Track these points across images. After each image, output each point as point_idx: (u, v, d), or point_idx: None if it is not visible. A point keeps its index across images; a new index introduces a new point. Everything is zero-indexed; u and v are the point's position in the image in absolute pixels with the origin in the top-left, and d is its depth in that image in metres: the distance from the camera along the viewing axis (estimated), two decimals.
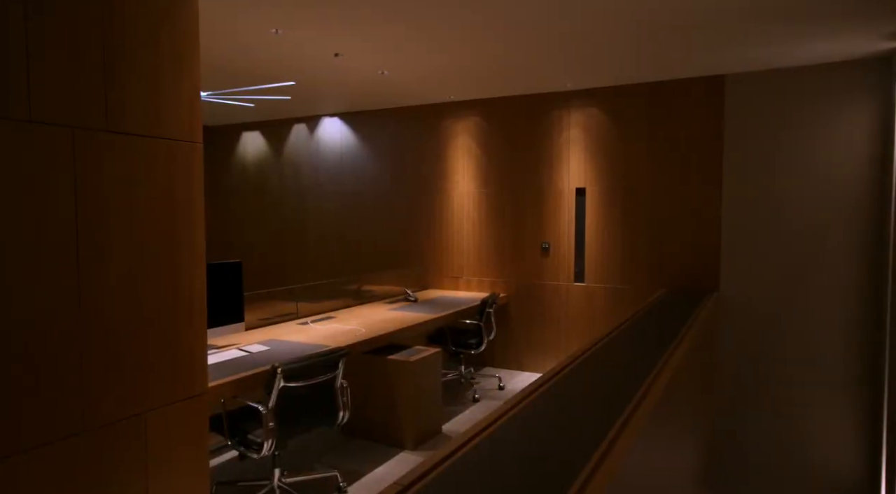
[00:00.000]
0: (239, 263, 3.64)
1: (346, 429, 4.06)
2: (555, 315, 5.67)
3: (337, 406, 3.15)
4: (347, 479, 3.42)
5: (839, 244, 4.52)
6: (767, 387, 4.79)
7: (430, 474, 1.50)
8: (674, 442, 2.52)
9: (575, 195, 5.58)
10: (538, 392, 2.16)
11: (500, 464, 1.54)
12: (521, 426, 1.82)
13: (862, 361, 4.47)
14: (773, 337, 4.76)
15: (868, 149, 4.42)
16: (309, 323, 4.30)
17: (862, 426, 4.47)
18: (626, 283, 5.34)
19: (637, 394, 2.09)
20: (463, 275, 6.15)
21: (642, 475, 1.86)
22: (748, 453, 4.84)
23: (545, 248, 5.70)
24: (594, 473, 1.47)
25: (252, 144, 7.61)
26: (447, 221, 6.23)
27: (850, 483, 4.50)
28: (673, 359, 2.59)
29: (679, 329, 3.29)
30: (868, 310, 4.43)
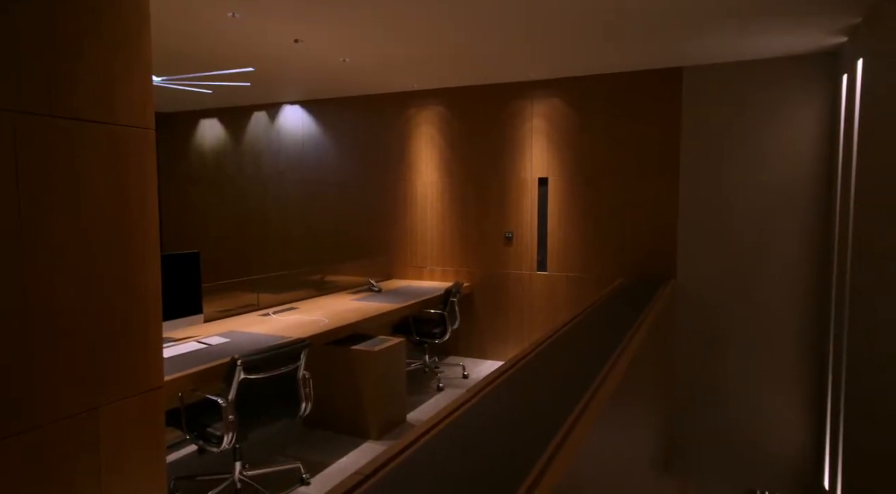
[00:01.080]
0: (197, 254, 3.55)
1: (308, 421, 4.03)
2: (518, 303, 5.73)
3: (299, 397, 3.12)
4: (311, 470, 3.40)
5: (789, 233, 4.70)
6: (721, 371, 4.95)
7: (392, 462, 1.50)
8: (632, 426, 2.58)
9: (538, 185, 5.63)
10: (500, 379, 2.18)
11: (462, 451, 1.55)
12: (483, 413, 1.84)
13: (808, 346, 4.67)
14: (726, 322, 4.93)
15: (816, 140, 4.59)
16: (270, 315, 4.24)
17: (808, 407, 4.67)
18: (587, 272, 5.43)
19: (596, 380, 2.13)
20: (427, 265, 6.15)
21: (600, 458, 1.91)
22: (703, 435, 5.01)
23: (508, 238, 5.75)
24: (553, 458, 1.49)
25: (210, 132, 7.40)
26: (411, 211, 6.21)
27: (797, 461, 4.71)
28: (630, 346, 2.65)
29: (637, 316, 3.37)
30: (815, 297, 4.63)
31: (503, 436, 1.65)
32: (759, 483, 4.95)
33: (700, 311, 5.01)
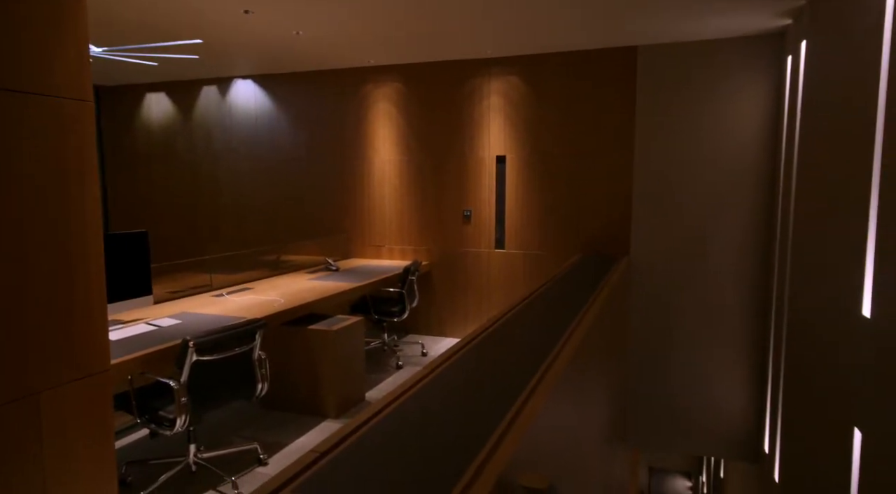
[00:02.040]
0: (144, 233, 3.42)
1: (265, 402, 3.99)
2: (476, 281, 5.77)
3: (255, 378, 3.07)
4: (268, 451, 3.37)
5: (736, 210, 4.86)
6: (672, 344, 5.13)
7: (348, 439, 1.49)
8: (585, 397, 2.65)
9: (496, 163, 5.64)
10: (457, 355, 2.20)
11: (418, 426, 1.56)
12: (440, 388, 1.85)
13: (752, 320, 4.88)
14: (676, 297, 5.09)
15: (764, 120, 4.74)
16: (224, 295, 4.14)
17: (750, 379, 4.90)
18: (545, 249, 5.50)
19: (550, 354, 2.17)
20: (385, 244, 6.11)
21: (555, 428, 1.95)
22: (654, 405, 5.20)
23: (467, 216, 5.76)
24: (508, 429, 1.52)
25: (158, 106, 7.10)
26: (368, 189, 6.14)
27: (741, 428, 4.95)
28: (585, 321, 2.70)
29: (591, 292, 3.44)
30: (759, 273, 4.82)
31: (459, 410, 1.67)
32: (706, 449, 5.19)
33: (652, 287, 5.16)
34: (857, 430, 2.21)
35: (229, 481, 2.99)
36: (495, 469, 1.29)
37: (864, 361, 2.17)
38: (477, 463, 1.33)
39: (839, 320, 2.50)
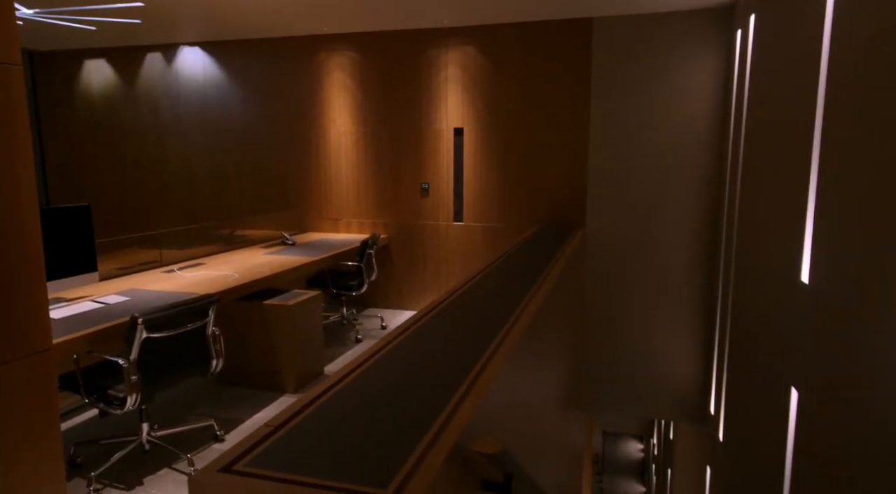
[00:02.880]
0: (87, 207, 3.27)
1: (222, 378, 3.93)
2: (435, 254, 5.78)
3: (209, 354, 3.02)
4: (225, 427, 3.34)
5: (688, 181, 4.99)
6: (625, 313, 5.28)
7: (303, 412, 1.48)
8: (542, 365, 2.71)
9: (453, 135, 5.61)
10: (414, 327, 2.20)
11: (375, 397, 1.56)
12: (397, 360, 1.85)
13: (700, 290, 5.06)
14: (629, 267, 5.22)
15: (715, 93, 4.84)
16: (175, 271, 4.03)
17: (698, 345, 5.11)
18: (503, 222, 5.54)
19: (507, 324, 2.20)
20: (343, 217, 6.03)
21: (511, 396, 1.99)
22: (608, 371, 5.37)
23: (425, 189, 5.73)
24: (464, 398, 1.53)
25: (98, 74, 6.73)
26: (325, 162, 6.03)
27: (689, 392, 5.17)
28: (540, 291, 2.75)
29: (548, 263, 3.49)
30: (706, 243, 4.99)
31: (416, 381, 1.68)
32: (657, 412, 5.41)
33: (606, 257, 5.27)
34: (793, 389, 2.33)
35: (185, 458, 2.95)
36: (451, 437, 1.31)
37: (801, 324, 2.28)
38: (433, 431, 1.34)
39: (780, 286, 2.61)
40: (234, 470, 1.20)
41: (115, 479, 2.79)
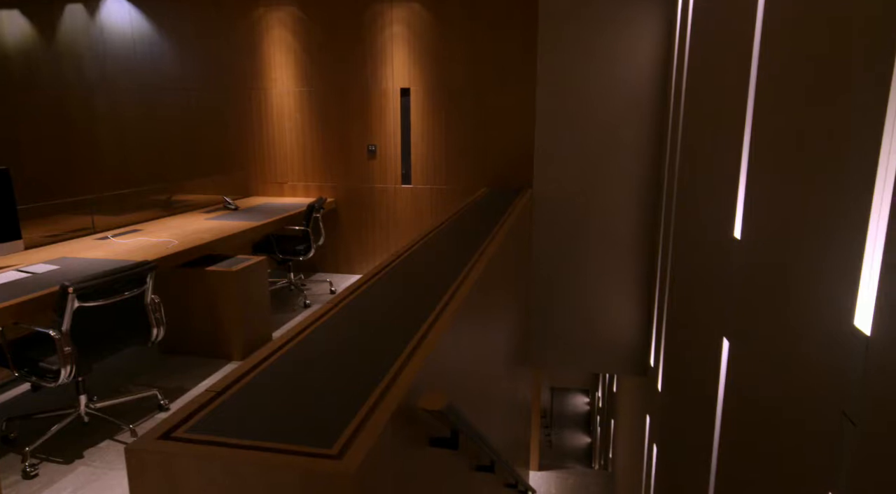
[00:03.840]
0: (5, 171, 3.05)
1: (165, 347, 3.82)
2: (383, 217, 5.73)
3: (149, 323, 2.92)
4: (170, 396, 3.26)
5: (632, 140, 5.08)
6: (572, 270, 5.42)
7: (247, 377, 1.46)
8: (491, 322, 2.76)
9: (400, 95, 5.50)
10: (361, 289, 2.18)
11: (322, 359, 1.55)
12: (344, 321, 1.84)
13: (644, 244, 5.23)
14: (575, 225, 5.33)
15: (657, 50, 4.90)
16: (110, 238, 3.84)
17: (641, 300, 5.31)
18: (452, 183, 5.52)
19: (454, 283, 2.21)
20: (288, 181, 5.88)
21: (459, 353, 2.02)
22: (556, 325, 5.53)
23: (372, 151, 5.63)
24: (412, 356, 1.54)
25: (11, 26, 6.20)
26: (267, 123, 5.81)
27: (632, 346, 5.40)
28: (488, 251, 2.77)
29: (495, 223, 3.52)
30: (651, 199, 5.13)
31: (363, 342, 1.67)
32: (601, 367, 5.64)
33: (553, 217, 5.36)
34: (725, 339, 2.46)
35: (127, 429, 2.88)
36: (397, 396, 1.32)
37: (732, 277, 2.40)
38: (379, 391, 1.34)
39: (714, 242, 2.72)
40: (175, 437, 1.17)
41: (53, 453, 2.70)
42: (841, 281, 1.41)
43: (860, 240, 1.31)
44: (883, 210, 1.22)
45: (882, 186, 1.25)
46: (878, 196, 1.26)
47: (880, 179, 1.25)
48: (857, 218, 1.33)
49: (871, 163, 1.28)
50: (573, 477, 7.73)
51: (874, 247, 1.27)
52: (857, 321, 1.31)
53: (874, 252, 1.26)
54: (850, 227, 1.37)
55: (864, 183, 1.30)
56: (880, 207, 1.25)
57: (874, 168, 1.27)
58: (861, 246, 1.31)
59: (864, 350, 1.25)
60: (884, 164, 1.24)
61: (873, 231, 1.28)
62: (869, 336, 1.23)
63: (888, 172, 1.23)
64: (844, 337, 1.36)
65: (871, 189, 1.28)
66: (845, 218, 1.40)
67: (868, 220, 1.29)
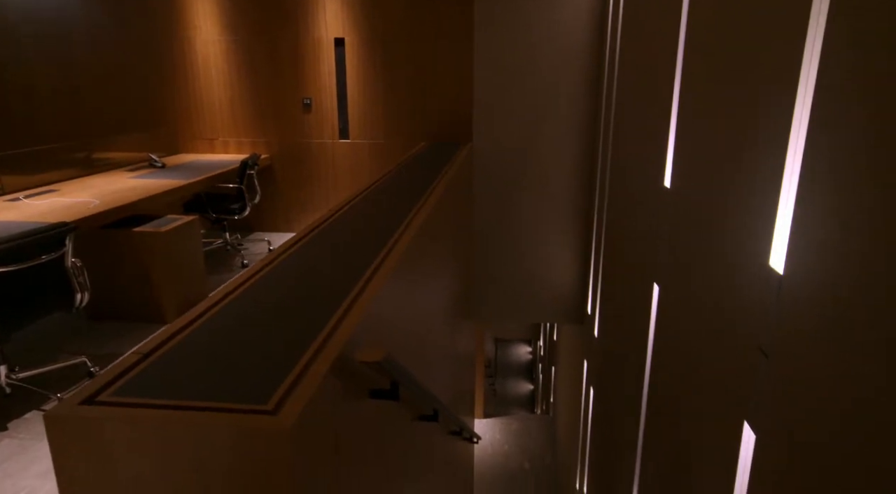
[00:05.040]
0: None
1: (93, 313, 3.65)
2: (321, 173, 5.59)
3: (71, 288, 2.76)
4: (100, 363, 3.14)
5: (570, 93, 5.11)
6: (512, 222, 5.48)
7: (177, 337, 1.41)
8: (431, 276, 2.77)
9: (334, 46, 5.28)
10: (297, 246, 2.13)
11: (256, 316, 1.52)
12: (280, 278, 1.80)
13: (581, 194, 5.34)
14: (515, 177, 5.37)
15: (594, 3, 4.89)
16: (21, 199, 3.58)
17: (579, 250, 5.47)
18: (390, 138, 5.42)
19: (392, 237, 2.19)
20: (218, 137, 5.61)
21: (398, 308, 2.02)
22: (497, 277, 5.63)
23: (307, 104, 5.42)
24: (349, 310, 1.53)
25: None
26: (192, 74, 5.48)
27: (571, 296, 5.58)
28: (427, 205, 2.75)
29: (435, 177, 3.49)
30: (588, 150, 5.22)
31: (300, 298, 1.64)
32: (542, 316, 5.81)
33: (493, 170, 5.37)
34: (655, 285, 2.58)
35: (55, 399, 2.76)
36: (334, 350, 1.30)
37: (662, 225, 2.49)
38: (315, 345, 1.33)
39: (646, 190, 2.81)
40: (99, 401, 1.12)
41: None
42: (758, 226, 1.48)
43: (776, 187, 1.38)
44: (797, 158, 1.28)
45: (796, 135, 1.31)
46: (792, 143, 1.32)
47: (795, 128, 1.31)
48: (774, 165, 1.39)
49: (786, 111, 1.33)
50: (516, 423, 8.07)
51: (788, 193, 1.33)
52: (772, 261, 1.39)
53: (788, 198, 1.33)
54: (767, 175, 1.43)
55: (780, 131, 1.36)
56: (794, 155, 1.30)
57: (790, 117, 1.32)
58: (776, 193, 1.37)
59: (777, 288, 1.33)
60: (798, 113, 1.29)
61: (788, 177, 1.34)
62: (782, 274, 1.31)
63: (801, 122, 1.28)
64: (761, 277, 1.44)
65: (787, 137, 1.33)
66: (763, 165, 1.46)
67: (783, 167, 1.35)
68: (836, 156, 1.11)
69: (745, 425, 1.52)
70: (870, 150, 0.99)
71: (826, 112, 1.16)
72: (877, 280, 0.94)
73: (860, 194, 1.02)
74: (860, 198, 1.02)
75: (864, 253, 0.99)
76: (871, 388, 0.95)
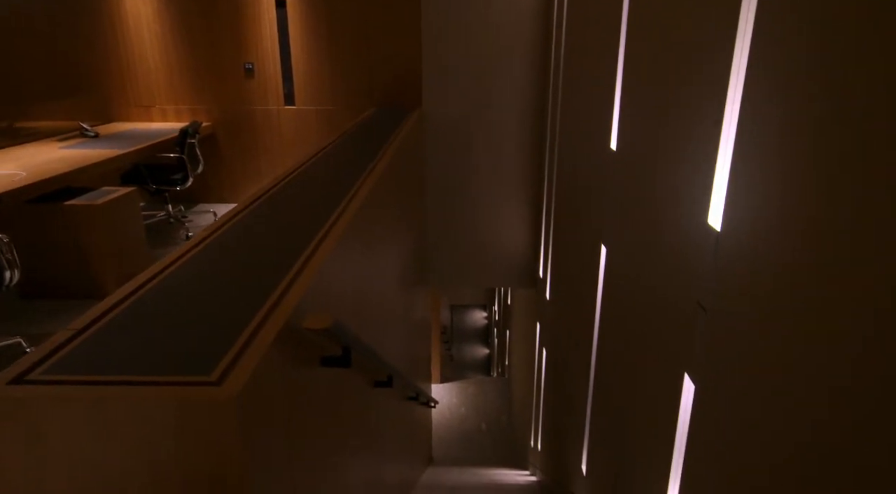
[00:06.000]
0: None
1: (27, 291, 3.47)
2: (267, 141, 5.41)
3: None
4: (36, 343, 3.00)
5: (520, 56, 5.07)
6: (464, 189, 5.48)
7: (113, 311, 1.35)
8: (382, 243, 2.74)
9: (275, 7, 5.05)
10: (243, 214, 2.07)
11: (198, 287, 1.47)
12: (223, 248, 1.74)
13: (532, 160, 5.37)
14: (466, 143, 5.33)
15: None
16: None
17: (531, 214, 5.52)
18: (338, 104, 5.28)
19: (340, 204, 2.15)
20: (155, 104, 5.33)
21: (350, 273, 2.00)
22: (451, 243, 5.64)
23: (248, 69, 5.20)
24: (296, 277, 1.50)
25: None
26: (124, 37, 5.15)
27: (523, 260, 5.66)
28: (375, 172, 2.71)
29: (384, 143, 3.43)
30: (537, 117, 5.23)
31: (244, 267, 1.60)
32: (495, 281, 5.88)
33: (444, 135, 5.32)
34: (603, 246, 2.63)
35: None
36: (280, 318, 1.28)
37: (609, 188, 2.53)
38: (261, 315, 1.30)
39: (594, 153, 2.84)
40: (29, 381, 1.07)
41: None
42: (697, 186, 1.52)
43: (713, 149, 1.41)
44: (733, 120, 1.31)
45: (732, 97, 1.33)
46: (729, 105, 1.35)
47: (731, 88, 1.33)
48: (711, 128, 1.42)
49: (723, 73, 1.35)
50: (473, 386, 8.23)
51: (725, 155, 1.37)
52: (710, 219, 1.43)
53: (725, 159, 1.37)
54: (705, 138, 1.46)
55: (717, 93, 1.38)
56: (731, 117, 1.33)
57: (726, 79, 1.34)
58: (714, 154, 1.41)
59: (715, 245, 1.37)
60: (735, 74, 1.32)
61: (724, 140, 1.37)
62: (719, 232, 1.35)
63: (737, 83, 1.31)
64: (699, 234, 1.48)
65: (723, 99, 1.36)
66: (701, 128, 1.49)
67: (720, 130, 1.38)
68: (770, 117, 1.14)
69: (686, 377, 1.59)
70: (803, 113, 1.02)
71: (761, 72, 1.18)
72: (809, 237, 0.98)
73: (793, 154, 1.05)
74: (793, 157, 1.05)
75: (796, 211, 1.03)
76: (802, 340, 1.00)
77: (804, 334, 0.99)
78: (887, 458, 0.77)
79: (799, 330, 1.01)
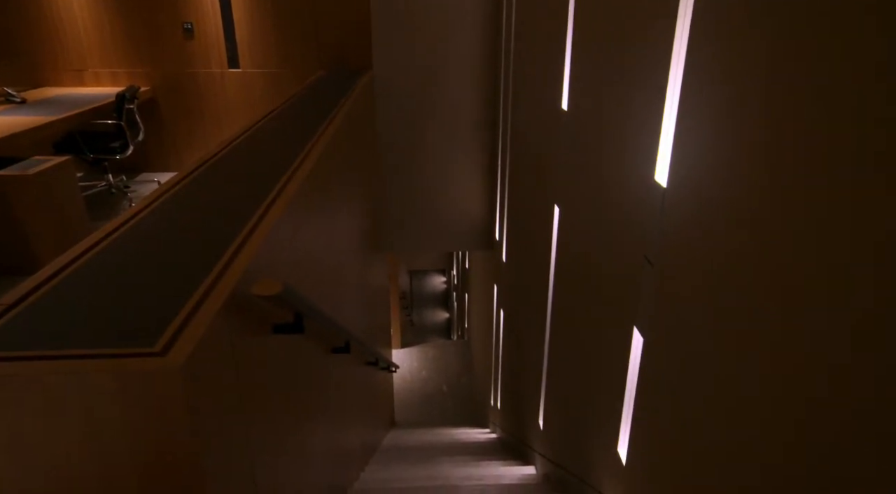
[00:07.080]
0: None
1: None
2: (212, 106, 5.19)
3: None
4: None
5: (471, 18, 4.96)
6: (419, 154, 5.42)
7: (48, 284, 1.29)
8: (335, 209, 2.69)
9: None
10: (186, 180, 1.99)
11: (139, 256, 1.41)
12: (166, 216, 1.67)
13: (486, 123, 5.34)
14: (420, 106, 5.25)
15: None
16: None
17: (487, 176, 5.52)
18: (285, 67, 5.09)
19: (289, 169, 2.09)
20: (88, 68, 5.02)
21: (302, 239, 1.96)
22: (407, 208, 5.60)
23: (188, 29, 4.94)
24: (243, 244, 1.45)
25: None
26: None
27: (480, 224, 5.68)
28: (325, 135, 2.63)
29: (333, 106, 3.34)
30: (491, 80, 5.17)
31: (188, 235, 1.54)
32: (452, 244, 5.90)
33: (397, 98, 5.21)
34: (556, 206, 2.66)
35: None
36: (227, 286, 1.24)
37: (560, 147, 2.54)
38: (207, 283, 1.26)
39: (547, 115, 2.84)
40: None
41: None
42: (643, 143, 1.54)
43: (659, 106, 1.42)
44: (678, 78, 1.31)
45: (677, 58, 1.34)
46: (674, 62, 1.35)
47: (676, 43, 1.34)
48: (657, 85, 1.43)
49: (668, 30, 1.35)
50: (433, 350, 8.33)
51: (670, 112, 1.38)
52: (657, 176, 1.46)
53: (670, 117, 1.38)
54: (651, 95, 1.47)
55: (662, 50, 1.39)
56: (676, 73, 1.34)
57: (671, 35, 1.34)
58: (660, 112, 1.42)
59: (661, 201, 1.40)
60: (679, 30, 1.32)
61: (670, 97, 1.38)
62: (665, 188, 1.37)
63: (682, 39, 1.31)
64: (646, 191, 1.51)
65: (668, 56, 1.36)
66: (647, 85, 1.50)
67: (666, 87, 1.39)
68: (713, 76, 1.15)
69: (635, 330, 1.64)
70: (745, 70, 1.03)
71: (703, 31, 1.19)
72: (751, 193, 1.01)
73: (736, 112, 1.07)
74: (736, 116, 1.07)
75: (739, 168, 1.06)
76: (746, 295, 1.03)
77: (745, 287, 1.02)
78: (828, 399, 0.81)
79: (740, 283, 1.04)
